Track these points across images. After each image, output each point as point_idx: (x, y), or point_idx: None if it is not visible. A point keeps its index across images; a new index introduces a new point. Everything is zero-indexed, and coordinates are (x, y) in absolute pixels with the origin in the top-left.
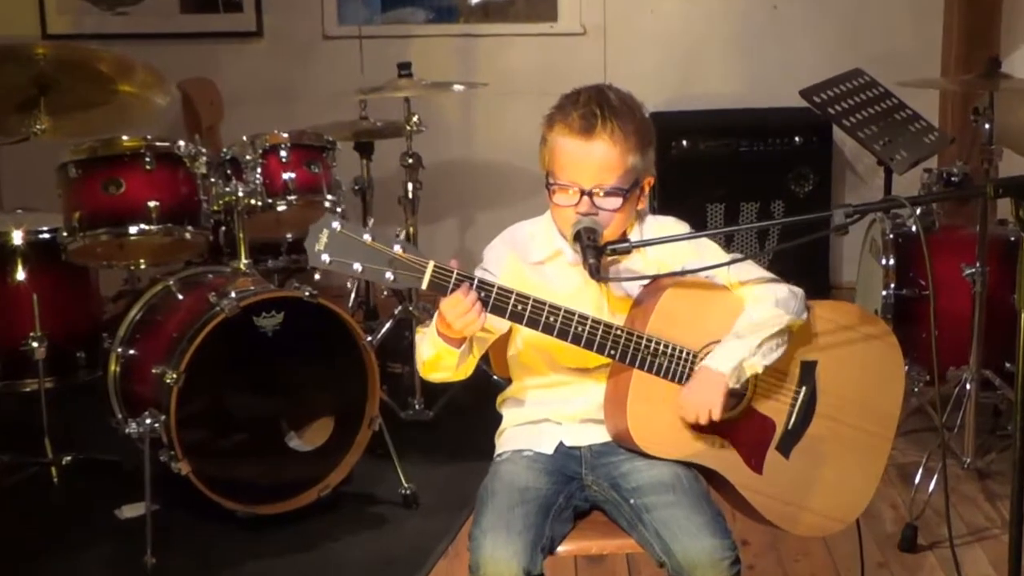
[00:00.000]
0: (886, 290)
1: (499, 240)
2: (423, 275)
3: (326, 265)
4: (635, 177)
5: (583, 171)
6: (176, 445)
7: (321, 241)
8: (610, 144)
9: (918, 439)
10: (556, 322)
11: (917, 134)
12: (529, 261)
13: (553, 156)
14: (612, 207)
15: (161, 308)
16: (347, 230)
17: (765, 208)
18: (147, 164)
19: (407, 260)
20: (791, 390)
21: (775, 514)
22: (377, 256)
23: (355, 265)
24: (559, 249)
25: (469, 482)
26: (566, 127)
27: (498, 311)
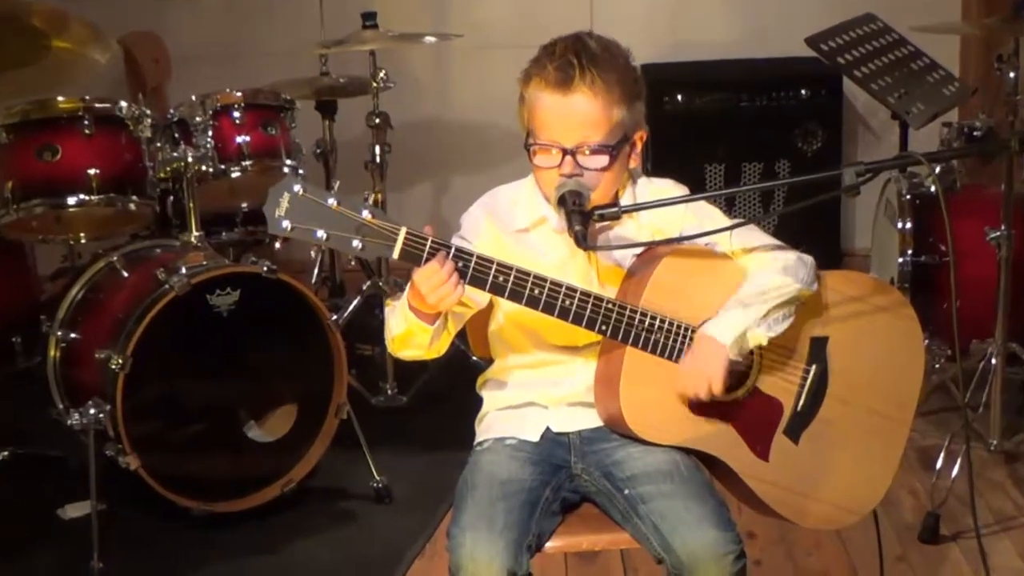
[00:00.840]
0: (903, 256)
1: (477, 206)
2: (394, 243)
3: (287, 232)
4: (623, 132)
5: (564, 128)
6: (123, 437)
7: (281, 206)
8: (591, 96)
9: (940, 420)
10: (541, 295)
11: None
12: (511, 229)
13: (532, 114)
14: (598, 166)
15: (104, 287)
16: (310, 194)
17: (769, 169)
18: (86, 128)
19: (377, 226)
20: (800, 369)
21: (783, 505)
22: (343, 222)
23: (319, 232)
24: (543, 216)
25: (448, 474)
26: (542, 81)
27: (477, 282)
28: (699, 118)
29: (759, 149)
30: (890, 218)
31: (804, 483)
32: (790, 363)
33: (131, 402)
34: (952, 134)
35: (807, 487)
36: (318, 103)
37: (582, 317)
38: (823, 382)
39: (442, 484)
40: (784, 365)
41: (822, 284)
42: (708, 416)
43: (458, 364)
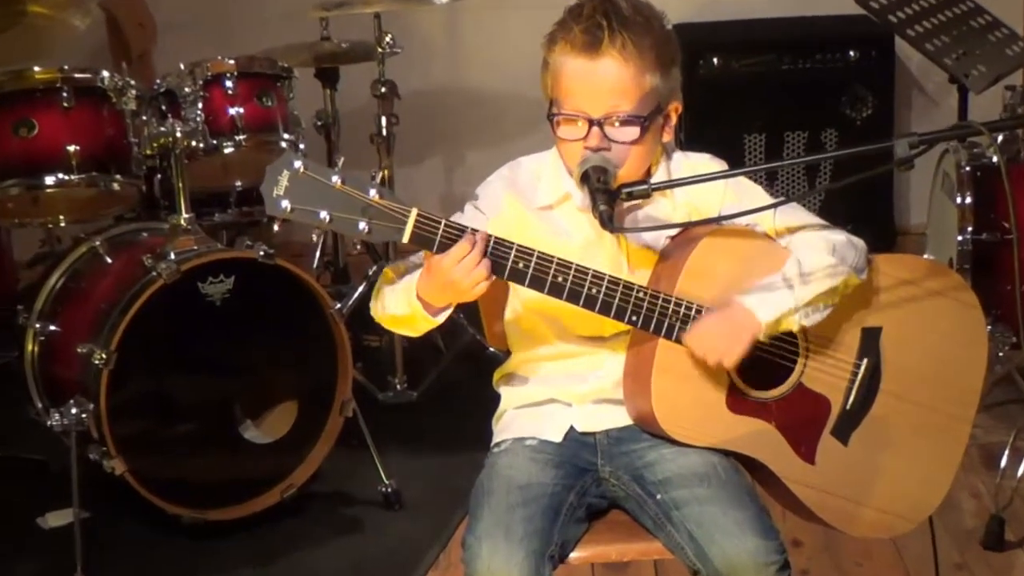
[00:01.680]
0: (962, 234)
1: (498, 177)
2: (404, 225)
3: (286, 214)
4: (656, 102)
5: (591, 97)
6: (108, 439)
7: (280, 185)
8: (621, 62)
9: (1004, 414)
10: (566, 282)
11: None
12: (534, 206)
13: (557, 81)
14: (628, 139)
15: (86, 274)
16: (312, 171)
17: (815, 138)
18: (64, 101)
19: (385, 207)
20: (849, 363)
21: (830, 512)
22: (348, 203)
23: (322, 213)
24: (568, 192)
25: (463, 476)
26: (568, 44)
27: (495, 270)
28: (737, 83)
29: (803, 117)
30: (948, 192)
31: (854, 488)
32: (839, 356)
33: (116, 400)
34: (1016, 99)
35: (857, 492)
36: (318, 71)
37: (610, 306)
38: (875, 377)
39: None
40: (832, 359)
41: (873, 269)
42: (748, 415)
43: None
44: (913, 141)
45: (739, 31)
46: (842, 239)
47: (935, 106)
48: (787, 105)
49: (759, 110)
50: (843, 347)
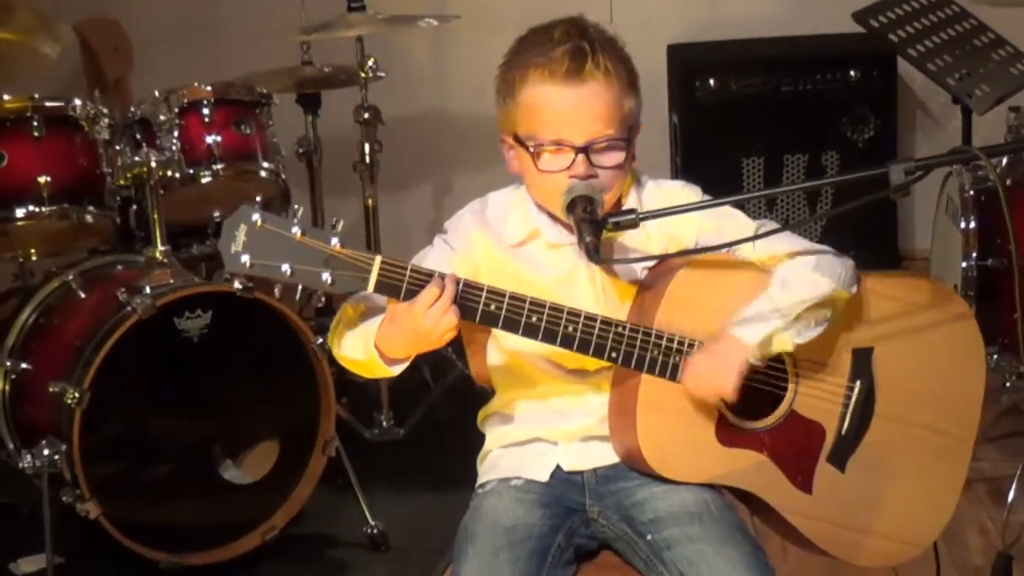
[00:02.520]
0: (966, 260)
1: (468, 212)
2: (368, 274)
3: (246, 270)
4: (630, 124)
5: (576, 124)
6: (82, 482)
7: (238, 240)
8: (605, 85)
9: (1012, 446)
10: (540, 322)
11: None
12: (504, 244)
13: (533, 113)
14: (614, 163)
15: (59, 310)
16: (270, 224)
17: (815, 161)
18: (35, 130)
19: (347, 257)
20: (842, 386)
21: (832, 542)
22: (310, 254)
23: (283, 267)
24: (536, 227)
25: (452, 516)
26: (547, 71)
27: (465, 313)
28: (735, 105)
29: (803, 139)
30: (952, 216)
31: (855, 516)
32: (830, 380)
33: (90, 441)
34: (1021, 119)
35: (859, 520)
36: (299, 96)
37: (588, 344)
38: (869, 400)
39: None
40: (824, 383)
41: (864, 289)
42: (740, 447)
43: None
44: (909, 167)
45: (737, 51)
46: (828, 256)
47: (939, 127)
48: (786, 127)
49: (758, 132)
50: (834, 370)
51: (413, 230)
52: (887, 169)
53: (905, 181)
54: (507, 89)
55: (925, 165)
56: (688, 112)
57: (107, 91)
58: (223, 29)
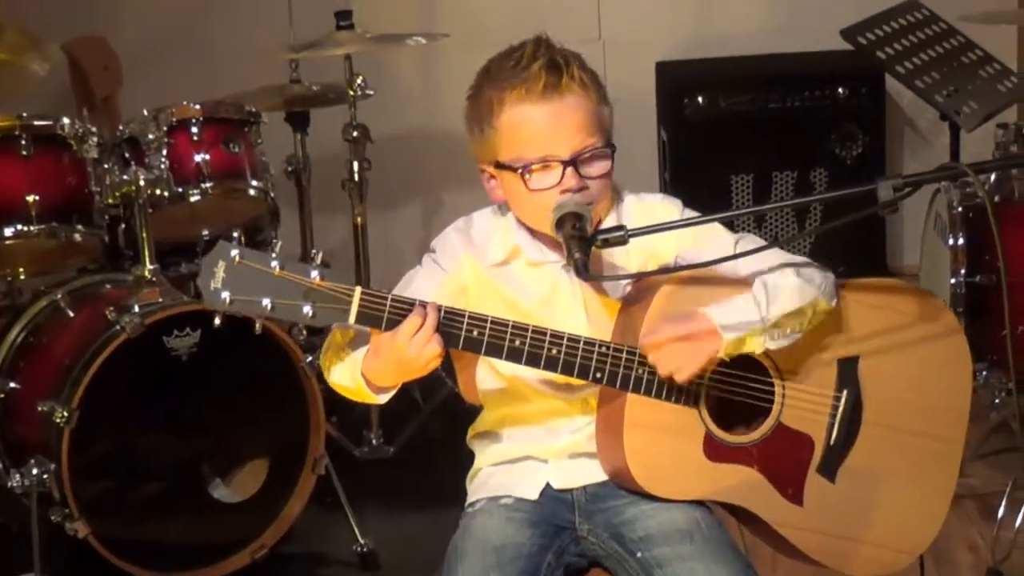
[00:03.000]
0: (954, 276)
1: (454, 231)
2: (349, 306)
3: (226, 306)
4: (609, 133)
5: (559, 137)
6: (70, 501)
7: (217, 276)
8: (583, 95)
9: (1001, 463)
10: (524, 346)
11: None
12: (487, 263)
13: (515, 134)
14: (601, 172)
15: (47, 329)
16: (249, 259)
17: (804, 178)
18: (23, 149)
19: (327, 289)
20: (829, 397)
21: (825, 553)
22: (290, 288)
23: (264, 301)
24: (516, 245)
25: (442, 535)
26: (524, 90)
27: (448, 340)
28: (723, 122)
29: (792, 156)
30: (940, 233)
31: (847, 526)
32: (817, 391)
33: (79, 460)
34: (1009, 136)
35: (851, 530)
36: (288, 115)
37: (572, 366)
38: (857, 409)
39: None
40: (810, 394)
41: (843, 297)
42: (729, 462)
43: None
44: (897, 183)
45: (725, 68)
46: (810, 269)
47: (927, 144)
48: (775, 144)
49: (746, 150)
50: (820, 381)
51: (402, 248)
52: (876, 186)
53: (894, 197)
54: (482, 117)
55: (914, 182)
56: (677, 129)
57: (95, 110)
58: (212, 48)
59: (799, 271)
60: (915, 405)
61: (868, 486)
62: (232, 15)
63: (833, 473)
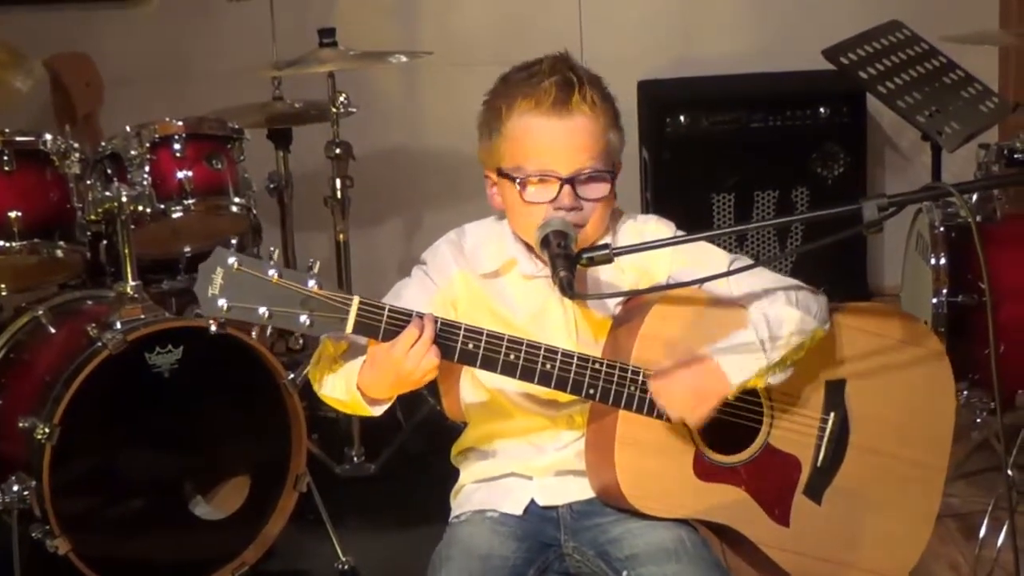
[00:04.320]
0: (936, 296)
1: (445, 243)
2: (347, 315)
3: (223, 313)
4: (614, 159)
5: (561, 155)
6: (51, 517)
7: (215, 283)
8: (591, 117)
9: (983, 482)
10: (518, 360)
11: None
12: (479, 272)
13: (518, 143)
14: (598, 195)
15: (28, 345)
16: (247, 267)
17: (785, 197)
18: (5, 165)
19: (325, 298)
20: (816, 419)
21: (809, 575)
22: (287, 296)
23: (261, 310)
24: (512, 258)
25: (423, 552)
26: (533, 102)
27: (443, 352)
28: (706, 141)
29: (774, 176)
30: (922, 253)
31: (832, 548)
32: (804, 413)
33: (60, 477)
34: (991, 157)
35: (836, 552)
36: (270, 132)
37: (566, 381)
38: (844, 431)
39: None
40: (798, 416)
41: (832, 321)
42: (717, 481)
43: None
44: (882, 203)
45: (708, 88)
46: (804, 293)
47: (908, 164)
48: (757, 163)
49: (728, 169)
50: (808, 403)
51: (385, 266)
52: (860, 205)
53: (878, 217)
54: (492, 123)
55: (899, 201)
56: (659, 148)
57: (76, 126)
58: (194, 64)
59: (797, 300)
60: (900, 430)
61: (853, 509)
62: (215, 32)
63: (819, 495)
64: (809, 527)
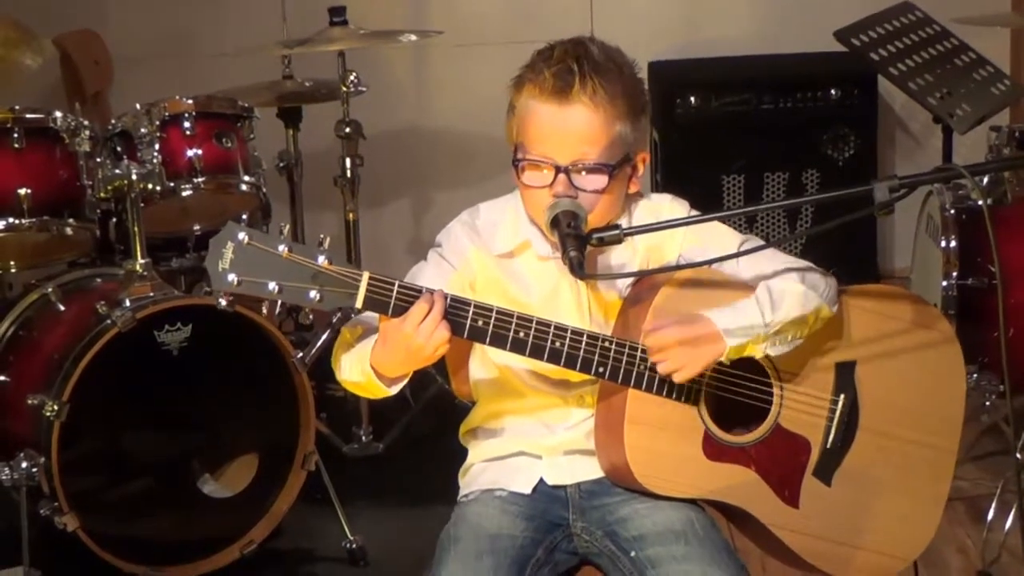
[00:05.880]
0: (946, 279)
1: (459, 224)
2: (356, 291)
3: (234, 287)
4: (624, 151)
5: (559, 143)
6: (60, 494)
7: (225, 258)
8: (591, 108)
9: (992, 465)
10: (528, 337)
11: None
12: (493, 253)
13: (523, 126)
14: (595, 187)
15: (37, 322)
16: (257, 241)
17: (795, 179)
18: (15, 142)
19: (335, 273)
20: (826, 400)
21: (819, 557)
22: (297, 271)
23: (271, 285)
24: (527, 239)
25: (431, 531)
26: (537, 88)
27: (453, 329)
28: (715, 123)
29: (783, 157)
30: (932, 235)
31: (842, 530)
32: (814, 394)
33: (69, 454)
34: (1002, 139)
35: (846, 534)
36: (280, 111)
37: (576, 359)
38: (854, 413)
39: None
40: (808, 397)
41: (843, 303)
42: (727, 461)
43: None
44: (894, 185)
45: (718, 69)
46: (811, 273)
47: (919, 146)
48: (767, 145)
49: (738, 150)
50: (818, 384)
51: (393, 245)
52: (872, 187)
53: (890, 199)
54: (511, 101)
55: (910, 183)
56: (669, 129)
57: (86, 104)
58: (204, 43)
59: (803, 277)
60: (910, 412)
61: (863, 491)
62: (225, 11)
63: (829, 477)
64: (818, 509)
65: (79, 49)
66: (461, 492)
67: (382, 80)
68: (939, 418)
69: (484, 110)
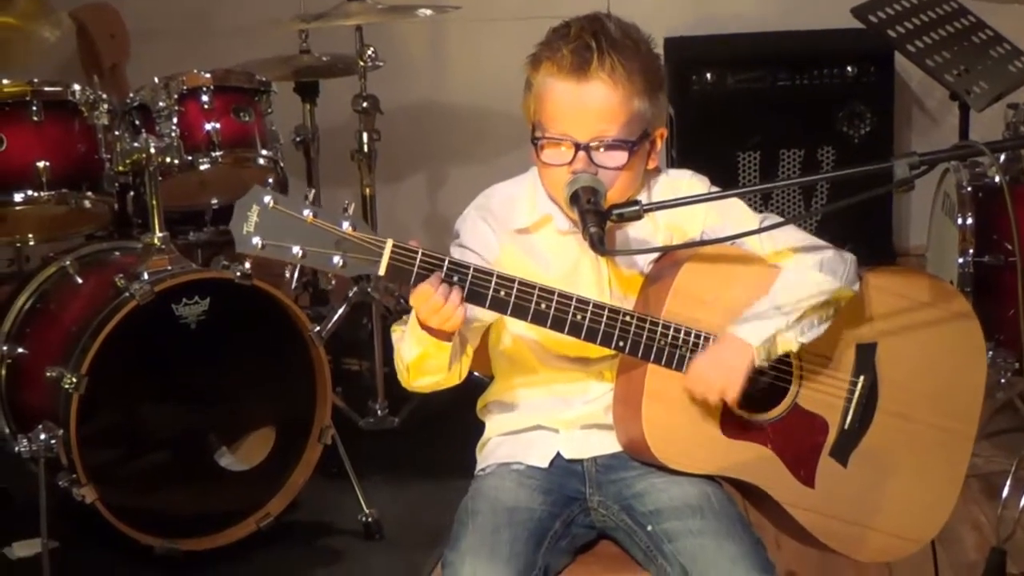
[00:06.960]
0: (963, 257)
1: (473, 209)
2: (380, 258)
3: (257, 251)
4: (643, 127)
5: (578, 120)
6: (78, 466)
7: (250, 221)
8: (610, 85)
9: (1006, 442)
10: (549, 309)
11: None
12: (511, 228)
13: (541, 103)
14: (615, 164)
15: (56, 295)
16: (282, 205)
17: (811, 156)
18: (34, 115)
19: (359, 240)
20: (845, 381)
21: (833, 537)
22: (321, 236)
23: (295, 249)
24: (548, 213)
25: (447, 505)
26: (554, 65)
27: (475, 299)
28: (731, 99)
29: (799, 134)
30: (948, 213)
31: (856, 511)
32: (834, 375)
33: (87, 427)
34: (1019, 117)
35: (860, 515)
36: (297, 85)
37: (596, 332)
38: (872, 395)
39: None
40: (827, 378)
41: (865, 284)
42: (744, 439)
43: None
44: (913, 161)
45: (734, 46)
46: (829, 253)
47: (936, 124)
48: (783, 122)
49: (754, 127)
50: (838, 365)
51: (410, 220)
52: (892, 163)
53: (910, 175)
54: (528, 76)
55: (930, 160)
56: (684, 106)
57: (103, 77)
58: (221, 17)
59: (823, 262)
60: (930, 395)
61: (879, 472)
62: None
63: (846, 457)
64: (834, 489)
65: (95, 22)
66: (478, 466)
67: (399, 55)
68: (958, 401)
69: (501, 85)
